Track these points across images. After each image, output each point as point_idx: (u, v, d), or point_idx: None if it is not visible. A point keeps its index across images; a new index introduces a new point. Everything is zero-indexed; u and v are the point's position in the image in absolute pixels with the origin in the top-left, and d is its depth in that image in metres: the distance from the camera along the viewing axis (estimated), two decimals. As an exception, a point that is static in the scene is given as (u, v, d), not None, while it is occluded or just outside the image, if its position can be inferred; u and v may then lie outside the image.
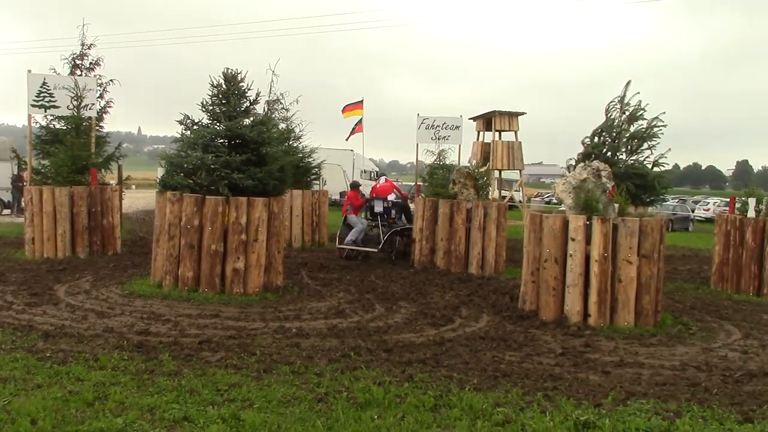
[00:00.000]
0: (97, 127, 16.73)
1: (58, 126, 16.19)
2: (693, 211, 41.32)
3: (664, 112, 15.89)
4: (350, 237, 15.35)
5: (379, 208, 15.57)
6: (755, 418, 5.65)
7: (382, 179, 17.13)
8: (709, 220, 39.36)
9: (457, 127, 17.86)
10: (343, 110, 36.80)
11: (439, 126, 17.77)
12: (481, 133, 30.23)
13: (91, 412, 5.21)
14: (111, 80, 18.23)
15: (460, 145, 18.04)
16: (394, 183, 18.96)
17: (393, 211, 15.60)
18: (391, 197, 15.89)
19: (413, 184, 21.85)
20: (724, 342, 8.55)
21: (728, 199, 14.90)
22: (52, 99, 14.52)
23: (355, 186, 17.13)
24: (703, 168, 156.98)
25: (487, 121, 29.49)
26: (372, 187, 17.10)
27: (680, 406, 5.91)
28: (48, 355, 6.72)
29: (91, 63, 17.74)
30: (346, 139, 36.37)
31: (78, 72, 17.21)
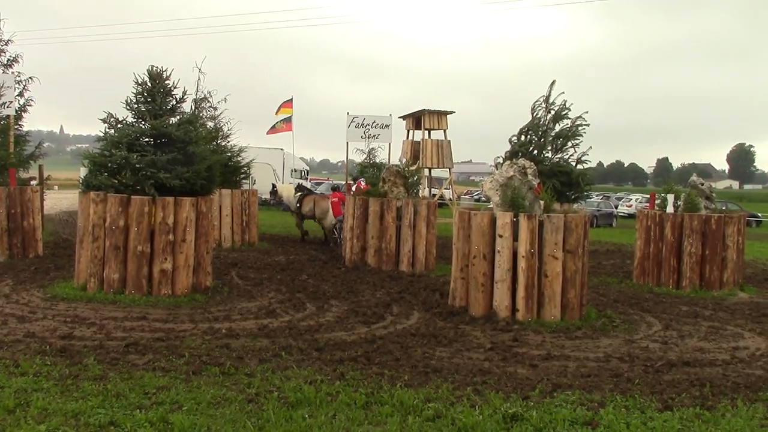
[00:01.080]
0: (16, 126, 16.15)
1: (-27, 125, 15.55)
2: (616, 208, 42.52)
3: (587, 112, 16.35)
4: None
5: None
6: (674, 405, 5.87)
7: (363, 181, 17.51)
8: (631, 216, 40.55)
9: (387, 126, 17.94)
10: (277, 110, 36.47)
11: (369, 125, 17.82)
12: (411, 131, 30.36)
13: (12, 420, 5.05)
14: (31, 77, 17.61)
15: (390, 144, 18.13)
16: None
17: None
18: None
19: (344, 182, 21.88)
20: (645, 333, 8.84)
21: (649, 196, 15.37)
22: (-32, 96, 13.96)
23: (336, 188, 18.57)
24: (625, 165, 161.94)
25: (416, 119, 29.64)
26: (355, 187, 17.47)
27: (604, 396, 6.09)
28: (-35, 362, 6.47)
29: (9, 59, 17.10)
30: (267, 133, 36.04)
31: (-6, 68, 16.58)
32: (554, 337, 8.40)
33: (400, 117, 30.47)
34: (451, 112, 29.37)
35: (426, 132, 29.24)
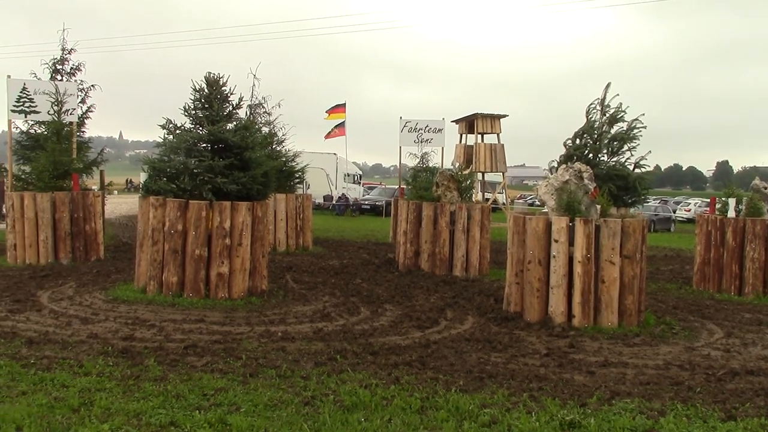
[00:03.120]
0: (79, 133, 16.64)
1: (38, 131, 16.07)
2: (674, 212, 41.61)
3: (644, 114, 16.05)
4: None
5: None
6: (738, 415, 5.71)
7: None
8: (690, 221, 39.70)
9: (440, 130, 17.95)
10: (328, 113, 36.75)
11: (421, 129, 17.85)
12: (464, 135, 30.23)
13: (77, 419, 5.19)
14: (92, 85, 18.12)
15: (443, 148, 18.14)
16: None
17: None
18: None
19: (397, 187, 21.92)
20: (706, 341, 8.63)
21: (709, 200, 15.02)
22: (33, 104, 14.44)
23: None
24: (683, 169, 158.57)
25: (469, 123, 29.52)
26: None
27: (664, 404, 5.96)
28: (32, 361, 6.67)
29: (71, 68, 17.60)
30: (325, 138, 36.36)
31: (59, 77, 17.09)
32: (611, 343, 8.26)
33: (452, 121, 30.38)
34: (505, 116, 29.16)
35: (479, 136, 29.11)
